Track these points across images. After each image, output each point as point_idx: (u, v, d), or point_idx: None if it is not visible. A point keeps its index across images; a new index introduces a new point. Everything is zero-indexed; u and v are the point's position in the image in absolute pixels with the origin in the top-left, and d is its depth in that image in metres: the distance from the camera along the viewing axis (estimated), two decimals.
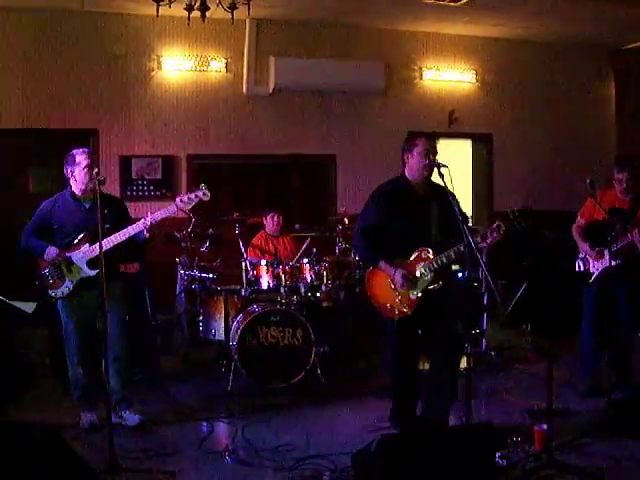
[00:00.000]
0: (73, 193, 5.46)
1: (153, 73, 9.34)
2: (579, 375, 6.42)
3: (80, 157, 5.35)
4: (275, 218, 8.25)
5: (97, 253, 5.02)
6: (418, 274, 5.06)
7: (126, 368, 5.63)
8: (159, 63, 9.34)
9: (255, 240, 8.23)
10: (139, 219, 5.37)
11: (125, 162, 9.20)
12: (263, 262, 7.17)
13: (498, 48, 10.78)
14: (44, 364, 6.79)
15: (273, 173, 10.00)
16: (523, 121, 10.93)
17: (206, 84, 9.58)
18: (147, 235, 5.34)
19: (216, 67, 9.55)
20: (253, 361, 6.58)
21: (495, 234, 4.92)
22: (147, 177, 9.24)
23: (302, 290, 7.15)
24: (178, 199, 5.40)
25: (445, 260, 5.00)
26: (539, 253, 9.19)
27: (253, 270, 7.10)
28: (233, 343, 6.67)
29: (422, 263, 5.07)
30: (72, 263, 5.32)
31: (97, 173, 4.97)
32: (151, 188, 9.20)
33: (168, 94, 9.42)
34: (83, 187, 5.41)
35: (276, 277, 7.04)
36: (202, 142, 9.55)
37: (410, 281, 5.03)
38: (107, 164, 9.04)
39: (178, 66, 9.40)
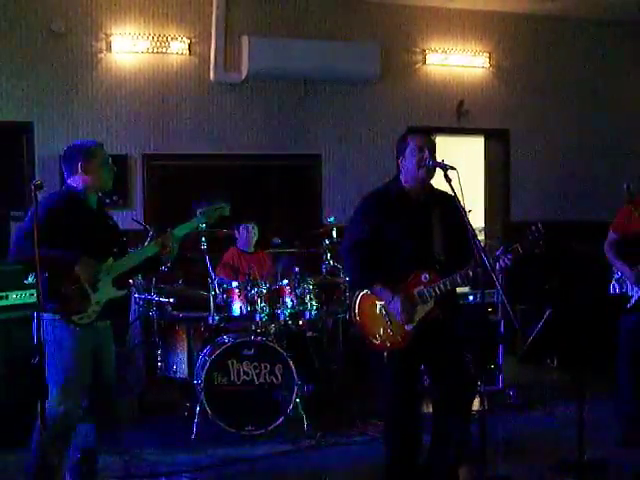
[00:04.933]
0: (77, 191, 5.29)
1: (101, 55, 9.35)
2: (616, 419, 6.47)
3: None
4: (249, 231, 8.29)
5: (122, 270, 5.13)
6: (416, 301, 5.06)
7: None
8: (108, 43, 9.34)
9: (225, 257, 8.26)
10: None
11: None
12: (235, 284, 7.21)
13: (516, 26, 10.88)
14: None
15: (246, 177, 10.02)
16: (546, 114, 11.03)
17: (165, 69, 9.60)
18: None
19: (177, 49, 9.57)
20: (223, 403, 6.60)
21: (508, 261, 4.91)
22: None
23: (282, 317, 7.19)
24: (199, 211, 5.47)
25: (449, 285, 5.01)
26: (566, 273, 9.27)
27: (223, 293, 7.13)
28: (199, 381, 6.68)
29: (421, 287, 5.05)
30: (98, 280, 5.07)
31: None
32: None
33: (119, 81, 9.43)
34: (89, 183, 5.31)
35: (250, 302, 7.07)
36: (161, 139, 9.57)
37: (410, 310, 5.05)
38: (44, 165, 9.03)
39: (131, 47, 9.41)
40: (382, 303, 5.09)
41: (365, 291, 5.19)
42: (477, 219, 10.52)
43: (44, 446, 4.88)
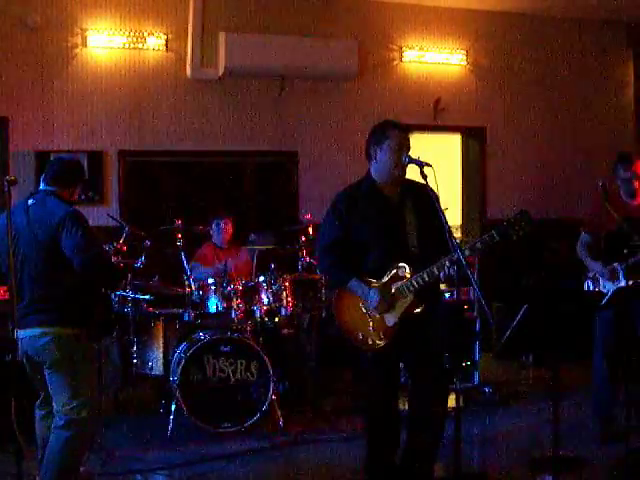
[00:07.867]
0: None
1: (76, 50, 9.29)
2: (591, 416, 6.50)
3: None
4: (224, 226, 8.26)
5: None
6: (395, 295, 5.04)
7: None
8: (84, 38, 9.28)
9: (200, 253, 8.23)
10: None
11: (42, 159, 9.09)
12: (210, 280, 7.18)
13: (493, 24, 10.87)
14: None
15: (223, 173, 9.99)
16: (522, 112, 11.04)
17: (142, 65, 9.55)
18: None
19: (154, 44, 9.52)
20: (198, 400, 6.58)
21: (483, 244, 4.86)
22: None
23: (257, 314, 7.16)
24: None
25: (427, 278, 4.97)
26: (541, 270, 9.31)
27: (198, 290, 7.11)
28: (174, 378, 6.67)
29: (399, 283, 5.03)
30: None
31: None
32: None
33: (95, 76, 9.37)
34: None
35: (226, 298, 7.05)
36: (137, 136, 9.51)
37: (387, 302, 5.03)
38: (19, 161, 8.98)
39: (107, 42, 9.35)
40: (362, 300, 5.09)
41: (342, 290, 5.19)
42: (454, 217, 10.54)
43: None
